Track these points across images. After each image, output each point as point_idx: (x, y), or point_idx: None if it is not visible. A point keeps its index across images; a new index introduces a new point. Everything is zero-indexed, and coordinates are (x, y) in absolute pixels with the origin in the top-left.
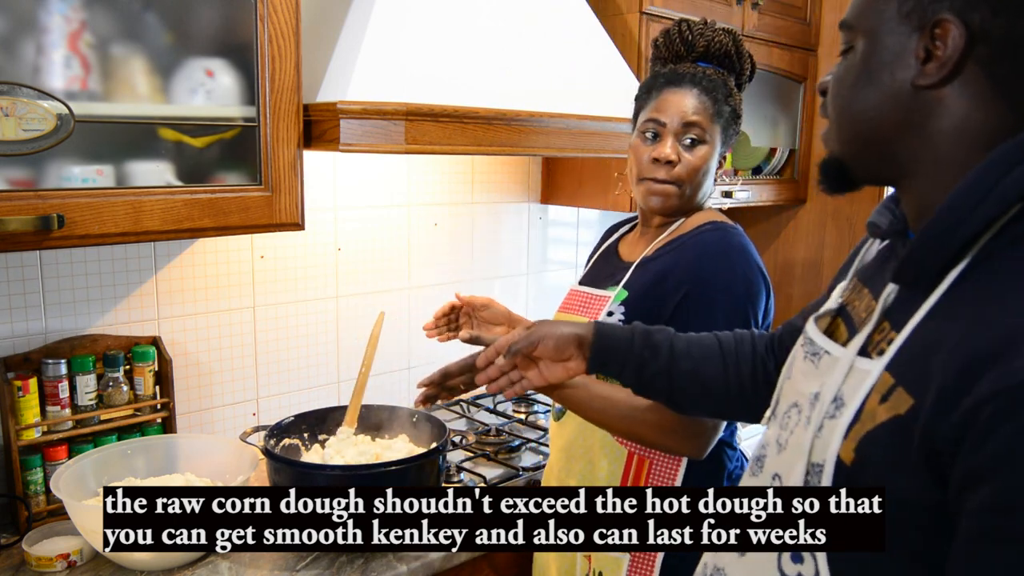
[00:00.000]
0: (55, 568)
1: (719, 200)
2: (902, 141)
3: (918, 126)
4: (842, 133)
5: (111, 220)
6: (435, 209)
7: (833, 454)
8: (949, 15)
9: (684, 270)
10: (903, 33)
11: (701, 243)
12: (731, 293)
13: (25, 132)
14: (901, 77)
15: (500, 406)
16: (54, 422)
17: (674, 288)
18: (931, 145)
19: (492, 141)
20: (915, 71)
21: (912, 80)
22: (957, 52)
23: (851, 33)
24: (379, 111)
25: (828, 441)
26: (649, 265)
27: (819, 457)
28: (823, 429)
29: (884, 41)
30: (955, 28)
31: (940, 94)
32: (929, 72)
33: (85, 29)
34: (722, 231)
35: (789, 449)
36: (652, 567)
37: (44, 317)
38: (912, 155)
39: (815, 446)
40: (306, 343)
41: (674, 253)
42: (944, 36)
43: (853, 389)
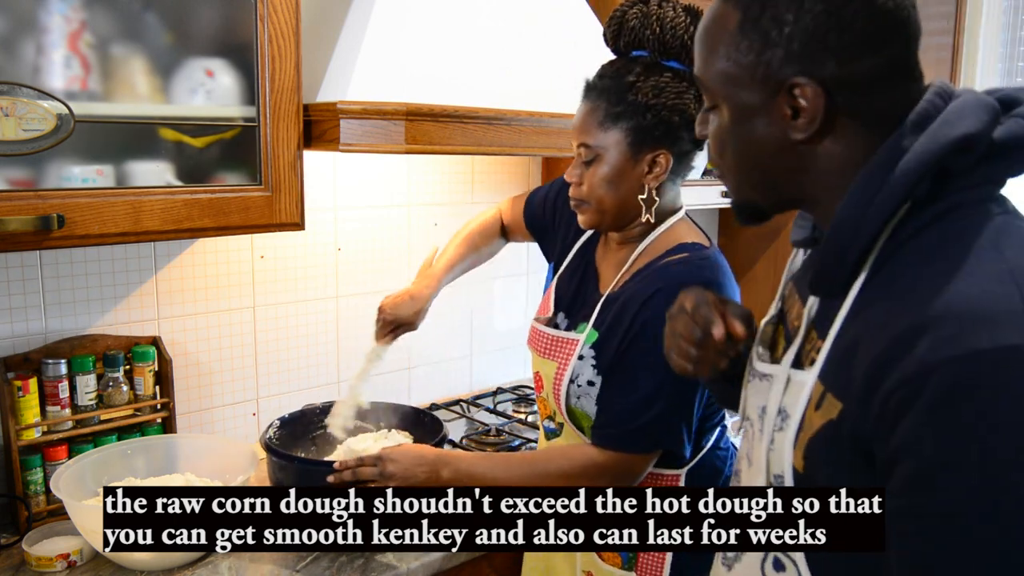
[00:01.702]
0: (55, 568)
1: (718, 200)
2: (792, 184)
3: (801, 169)
4: (739, 186)
5: (111, 220)
6: (435, 209)
7: (788, 464)
8: (801, 78)
9: (642, 305)
10: (762, 97)
11: (664, 277)
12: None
13: (25, 132)
14: (775, 137)
15: (500, 406)
16: (54, 422)
17: (629, 323)
18: (821, 180)
19: (492, 141)
20: (787, 128)
21: (787, 137)
22: (820, 109)
23: (709, 93)
24: (379, 111)
25: (781, 453)
26: (615, 302)
27: (777, 469)
28: (775, 442)
29: (746, 107)
30: (810, 88)
31: (816, 144)
32: (802, 127)
33: (85, 29)
34: (689, 265)
35: (754, 463)
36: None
37: (44, 317)
38: (804, 190)
39: (771, 459)
40: (306, 343)
41: (639, 284)
42: (804, 95)
43: (793, 400)
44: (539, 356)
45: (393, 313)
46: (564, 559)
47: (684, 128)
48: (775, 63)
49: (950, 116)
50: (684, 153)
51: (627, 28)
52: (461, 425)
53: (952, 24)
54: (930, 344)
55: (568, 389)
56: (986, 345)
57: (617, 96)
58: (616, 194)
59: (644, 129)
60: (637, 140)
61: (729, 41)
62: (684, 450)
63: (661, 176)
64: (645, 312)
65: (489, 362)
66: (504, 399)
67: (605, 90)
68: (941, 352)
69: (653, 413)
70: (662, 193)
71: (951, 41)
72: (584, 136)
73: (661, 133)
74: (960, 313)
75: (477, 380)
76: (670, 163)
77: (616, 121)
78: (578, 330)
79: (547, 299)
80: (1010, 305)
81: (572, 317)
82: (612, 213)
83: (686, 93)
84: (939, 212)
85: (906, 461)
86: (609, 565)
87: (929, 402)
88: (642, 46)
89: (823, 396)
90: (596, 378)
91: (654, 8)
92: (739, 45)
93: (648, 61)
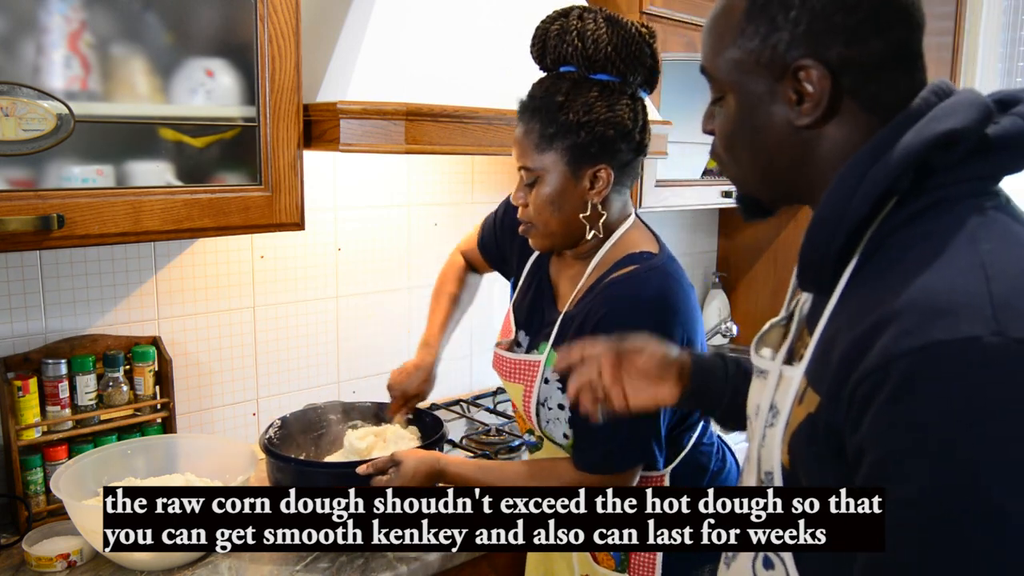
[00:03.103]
0: (55, 568)
1: (718, 200)
2: (797, 173)
3: (805, 160)
4: (742, 177)
5: (111, 220)
6: (435, 209)
7: (777, 461)
8: (807, 60)
9: (592, 330)
10: (767, 82)
11: (609, 298)
12: None
13: (25, 132)
14: (780, 122)
15: (500, 406)
16: (54, 422)
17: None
18: (824, 168)
19: (492, 141)
20: (792, 113)
21: (792, 122)
22: (826, 92)
23: (715, 83)
24: (379, 111)
25: (771, 449)
26: (572, 322)
27: (767, 466)
28: (766, 438)
29: (751, 93)
30: (815, 70)
31: (821, 129)
32: (806, 112)
33: (85, 29)
34: (633, 281)
35: (751, 460)
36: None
37: (44, 317)
38: (808, 183)
39: (762, 456)
40: (306, 343)
41: (590, 305)
42: (809, 79)
43: (783, 396)
44: (505, 380)
45: (401, 388)
46: (564, 562)
47: (621, 140)
48: (781, 46)
49: (939, 113)
50: (625, 164)
51: (550, 46)
52: (461, 425)
53: (952, 24)
54: (893, 336)
55: (538, 411)
56: (945, 336)
57: (549, 117)
58: (561, 214)
59: (580, 147)
60: (575, 159)
61: (736, 28)
62: (658, 463)
63: (604, 191)
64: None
65: (489, 362)
66: (504, 399)
67: (537, 110)
68: (902, 343)
69: (621, 435)
70: (608, 206)
71: (951, 41)
72: (523, 159)
73: (598, 149)
74: (923, 306)
75: (477, 380)
76: (611, 176)
77: (551, 142)
78: (539, 350)
79: (507, 321)
80: (974, 298)
81: (533, 336)
82: (560, 233)
83: (617, 104)
84: (923, 207)
85: (870, 451)
86: (604, 568)
87: (890, 393)
88: (567, 62)
89: (806, 390)
90: (565, 401)
91: (574, 22)
92: (745, 31)
93: (576, 76)
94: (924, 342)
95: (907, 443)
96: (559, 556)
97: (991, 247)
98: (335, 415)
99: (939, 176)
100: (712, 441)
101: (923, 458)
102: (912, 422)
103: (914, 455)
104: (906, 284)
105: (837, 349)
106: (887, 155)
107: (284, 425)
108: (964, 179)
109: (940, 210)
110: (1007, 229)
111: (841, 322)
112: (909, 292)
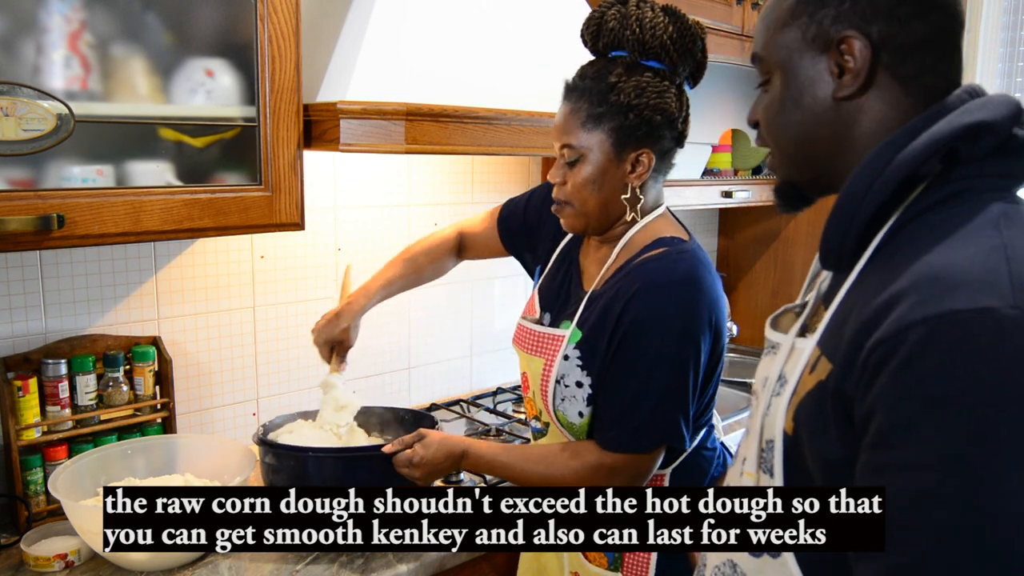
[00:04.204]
0: (53, 568)
1: (718, 200)
2: (837, 153)
3: (846, 136)
4: (784, 159)
5: (111, 220)
6: (435, 209)
7: (780, 429)
8: (850, 31)
9: (624, 306)
10: (812, 56)
11: (642, 275)
12: (665, 333)
13: (25, 132)
14: (822, 95)
15: (500, 406)
16: (54, 422)
17: (615, 325)
18: (858, 150)
19: (492, 141)
20: (833, 86)
21: (832, 95)
22: (866, 62)
23: (764, 65)
24: (379, 111)
25: (775, 417)
26: (599, 300)
27: (769, 434)
28: (771, 407)
29: (797, 68)
30: (859, 42)
31: (860, 103)
32: (847, 84)
33: (85, 29)
34: (665, 261)
35: (751, 432)
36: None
37: (44, 317)
38: (844, 163)
39: (765, 424)
40: (306, 343)
41: (620, 284)
42: (851, 51)
43: (793, 366)
44: (525, 353)
45: (321, 335)
46: (554, 559)
47: (666, 127)
48: (827, 21)
49: (971, 107)
50: (666, 151)
51: (606, 29)
52: (461, 425)
53: None
54: (910, 305)
55: (554, 389)
56: (961, 305)
57: (599, 97)
58: (600, 194)
59: (627, 129)
60: (620, 140)
61: (789, 11)
62: (685, 443)
63: (644, 175)
64: (627, 313)
65: (489, 362)
66: (504, 399)
67: (587, 91)
68: (918, 311)
69: (648, 410)
70: (645, 191)
71: None
72: (567, 137)
73: (644, 133)
74: (942, 277)
75: (477, 380)
76: (652, 162)
77: (599, 122)
78: (562, 327)
79: (532, 301)
80: (994, 274)
81: (556, 316)
82: (595, 214)
83: (667, 92)
84: (948, 194)
85: (877, 416)
86: (595, 566)
87: (903, 358)
88: (621, 47)
89: (818, 359)
90: (584, 379)
91: (632, 9)
92: (795, 10)
93: (628, 61)
94: (940, 310)
95: (917, 408)
96: (551, 554)
97: (1013, 233)
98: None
99: (965, 167)
100: (715, 447)
101: (931, 423)
102: (923, 387)
103: (923, 420)
104: (926, 259)
105: (853, 319)
106: (916, 141)
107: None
108: (989, 174)
109: (964, 199)
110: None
111: (858, 295)
112: (929, 266)
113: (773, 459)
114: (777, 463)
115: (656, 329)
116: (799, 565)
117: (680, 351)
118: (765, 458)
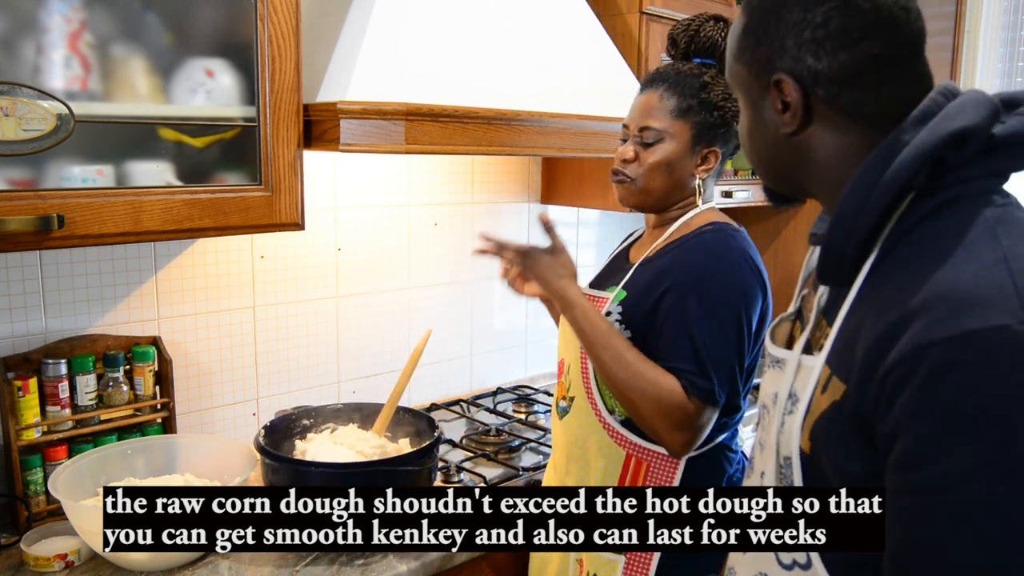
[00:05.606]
0: (53, 568)
1: (718, 200)
2: (799, 173)
3: (804, 162)
4: (761, 174)
5: (111, 220)
6: (435, 209)
7: (796, 446)
8: (780, 74)
9: (680, 268)
10: (760, 91)
11: (700, 243)
12: (726, 293)
13: (25, 132)
14: (772, 129)
15: (500, 406)
16: (54, 422)
17: (667, 285)
18: (821, 171)
19: (492, 141)
20: (780, 121)
21: (779, 129)
22: (799, 102)
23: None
24: (379, 111)
25: (790, 435)
26: (649, 265)
27: (786, 451)
28: (784, 425)
29: (751, 101)
30: (789, 83)
31: (808, 136)
32: (787, 122)
33: (85, 29)
34: (722, 232)
35: (766, 447)
36: (648, 570)
37: (44, 317)
38: (810, 182)
39: (780, 441)
40: (306, 343)
41: (673, 253)
42: (786, 91)
43: (803, 384)
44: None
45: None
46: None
47: (735, 135)
48: (763, 61)
49: (950, 111)
50: (727, 156)
51: (702, 37)
52: (461, 425)
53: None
54: (924, 326)
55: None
56: (976, 325)
57: (691, 92)
58: (668, 178)
59: (708, 126)
60: (700, 134)
61: (739, 43)
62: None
63: (709, 170)
64: (686, 276)
65: (489, 362)
66: (504, 399)
67: (680, 83)
68: (934, 333)
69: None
70: (705, 185)
71: (951, 41)
72: (651, 120)
73: (720, 133)
74: (953, 297)
75: (477, 380)
76: (718, 160)
77: (686, 113)
78: (608, 290)
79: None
80: (1001, 290)
81: (602, 285)
82: (657, 195)
83: None
84: (941, 203)
85: (902, 437)
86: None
87: (923, 379)
88: (712, 55)
89: (829, 379)
90: (624, 332)
91: (724, 25)
92: (744, 45)
93: (717, 69)
94: (956, 331)
95: (939, 426)
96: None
97: (1011, 242)
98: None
99: (952, 173)
100: (737, 450)
101: (954, 444)
102: (946, 406)
103: (944, 441)
104: (931, 278)
105: (863, 340)
106: (903, 153)
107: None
108: (976, 176)
109: (956, 206)
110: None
111: (864, 314)
112: (936, 285)
113: (792, 475)
114: (797, 479)
115: (717, 293)
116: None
117: (738, 315)
118: (784, 474)
